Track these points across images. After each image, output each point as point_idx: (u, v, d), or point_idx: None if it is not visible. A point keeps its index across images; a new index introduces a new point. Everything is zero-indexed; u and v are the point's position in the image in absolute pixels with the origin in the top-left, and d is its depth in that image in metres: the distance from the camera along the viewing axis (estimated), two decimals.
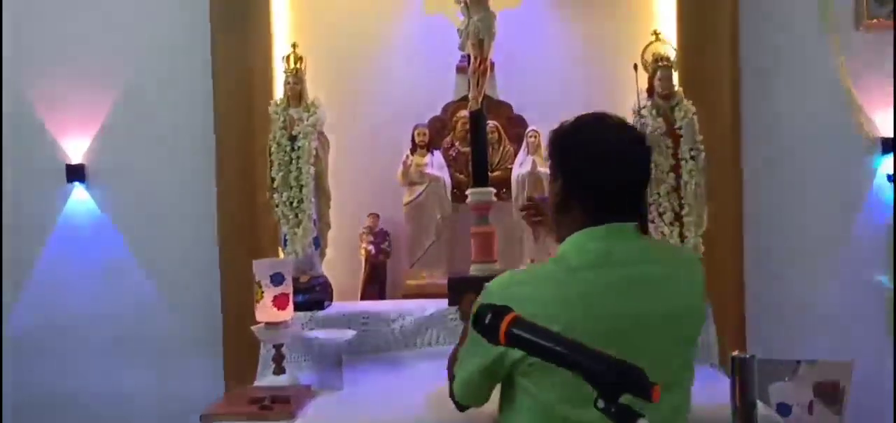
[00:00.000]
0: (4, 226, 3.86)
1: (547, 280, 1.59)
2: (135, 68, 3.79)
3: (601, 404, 1.08)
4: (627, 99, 3.37)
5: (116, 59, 3.79)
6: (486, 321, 1.25)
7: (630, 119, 3.33)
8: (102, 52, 3.79)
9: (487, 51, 3.35)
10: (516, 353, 1.51)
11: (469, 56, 3.41)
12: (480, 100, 3.34)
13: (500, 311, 1.24)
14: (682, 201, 3.24)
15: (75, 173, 3.82)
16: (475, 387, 1.69)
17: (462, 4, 3.39)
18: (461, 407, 1.80)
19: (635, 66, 3.26)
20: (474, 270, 3.22)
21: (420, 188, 3.64)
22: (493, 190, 3.37)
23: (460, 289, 2.76)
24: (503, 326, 1.22)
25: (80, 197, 3.84)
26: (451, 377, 1.80)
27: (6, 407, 3.84)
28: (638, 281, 1.58)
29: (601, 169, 1.60)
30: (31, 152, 3.84)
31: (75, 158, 3.82)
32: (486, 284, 1.64)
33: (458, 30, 3.39)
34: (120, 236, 3.86)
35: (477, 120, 3.35)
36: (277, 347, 3.07)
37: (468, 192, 3.41)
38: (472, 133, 3.41)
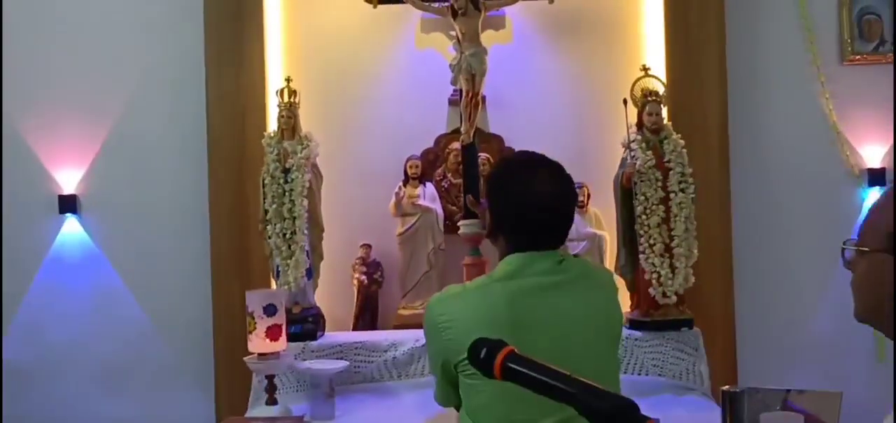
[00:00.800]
0: None
1: (475, 290, 1.81)
2: (128, 100, 3.80)
3: None
4: (617, 133, 3.43)
5: (110, 91, 3.80)
6: (481, 356, 1.26)
7: (620, 153, 3.40)
8: (96, 83, 3.80)
9: (479, 85, 3.42)
10: (457, 357, 1.73)
11: (461, 90, 3.46)
12: (472, 133, 3.42)
13: (494, 346, 1.26)
14: (672, 233, 3.29)
15: (67, 204, 3.81)
16: (440, 389, 1.90)
17: (454, 40, 3.45)
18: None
19: (625, 101, 3.32)
20: None
21: (412, 220, 3.67)
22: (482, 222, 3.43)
23: None
24: (498, 360, 1.23)
25: (72, 228, 3.83)
26: None
27: None
28: (549, 286, 1.78)
29: (522, 209, 1.80)
30: (23, 183, 3.83)
31: (68, 189, 3.81)
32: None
33: (450, 65, 3.44)
34: (112, 267, 3.85)
35: (469, 153, 3.43)
36: (270, 377, 3.08)
37: (460, 223, 3.48)
38: (464, 165, 3.48)
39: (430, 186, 3.70)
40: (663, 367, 3.30)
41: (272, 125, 3.54)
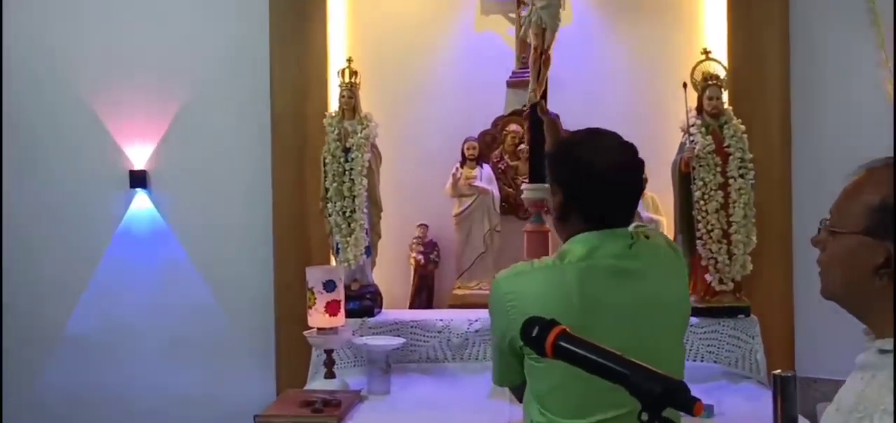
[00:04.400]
0: (70, 229, 4.02)
1: (546, 270, 1.74)
2: (196, 79, 3.91)
3: (645, 417, 1.11)
4: (675, 117, 3.40)
5: (179, 71, 3.92)
6: (533, 334, 1.29)
7: (679, 137, 3.38)
8: (166, 63, 3.92)
9: (550, 41, 3.16)
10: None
11: (519, 67, 3.38)
12: (540, 92, 3.15)
13: (547, 324, 1.28)
14: (731, 219, 3.26)
15: (138, 180, 3.94)
16: (501, 366, 1.84)
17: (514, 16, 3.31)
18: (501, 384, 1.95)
19: (685, 85, 3.29)
20: None
21: (469, 201, 3.71)
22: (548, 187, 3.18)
23: None
24: (550, 339, 1.25)
25: (141, 203, 3.97)
26: None
27: (69, 403, 3.99)
28: (622, 271, 1.71)
29: (594, 184, 1.73)
30: (96, 159, 3.98)
31: (138, 165, 3.94)
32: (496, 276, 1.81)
33: (515, 17, 3.36)
34: (178, 242, 3.98)
35: (536, 113, 3.15)
36: (328, 352, 3.16)
37: (523, 187, 3.29)
38: (531, 125, 3.23)
39: (487, 168, 3.73)
40: (719, 354, 3.28)
41: (333, 106, 3.62)
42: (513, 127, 3.73)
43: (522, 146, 3.72)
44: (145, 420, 3.98)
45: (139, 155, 3.95)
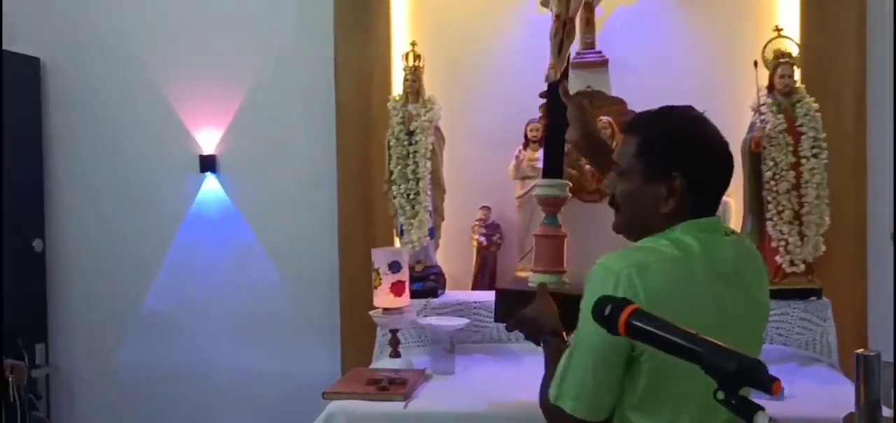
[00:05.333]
0: (145, 211, 4.16)
1: (672, 264, 1.53)
2: (262, 65, 4.00)
3: (721, 395, 1.11)
4: (745, 96, 3.33)
5: (247, 56, 4.01)
6: (606, 313, 1.28)
7: (748, 117, 3.31)
8: (234, 49, 4.01)
9: (575, 9, 2.69)
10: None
11: (583, 48, 3.27)
12: (561, 69, 2.59)
13: (619, 303, 1.28)
14: (803, 200, 3.18)
15: (208, 164, 4.05)
16: (592, 382, 1.54)
17: None
18: None
19: (755, 63, 3.22)
20: (535, 281, 2.37)
21: (531, 183, 3.69)
22: (568, 183, 2.72)
23: (511, 305, 2.04)
24: (623, 317, 1.25)
25: (211, 186, 4.08)
26: (553, 406, 1.62)
27: (144, 380, 4.14)
28: (736, 271, 1.60)
29: (717, 163, 1.61)
30: (168, 144, 4.11)
31: (208, 149, 4.05)
32: (602, 261, 1.53)
33: None
34: (247, 224, 4.08)
35: (554, 93, 2.47)
36: (394, 332, 3.20)
37: (537, 183, 2.80)
38: (548, 109, 2.61)
39: None
40: (789, 336, 3.22)
41: (397, 89, 3.64)
42: None
43: None
44: (217, 396, 4.10)
45: (208, 140, 4.05)
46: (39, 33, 4.18)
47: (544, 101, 2.57)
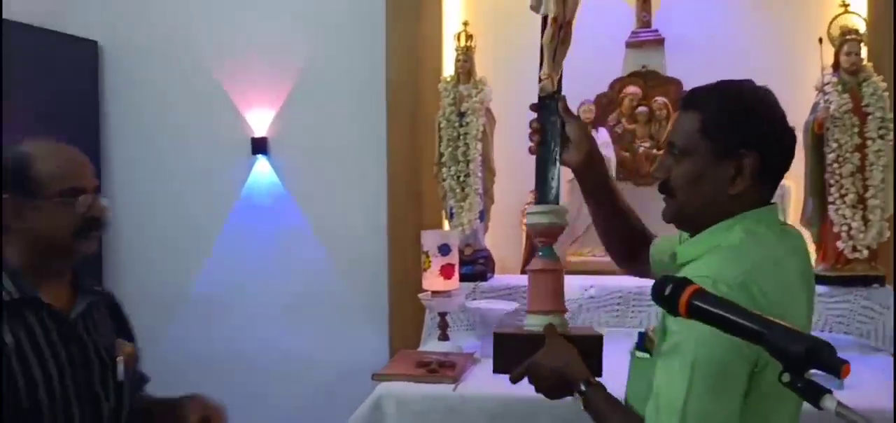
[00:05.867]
0: (195, 195, 4.20)
1: (790, 259, 1.44)
2: (314, 48, 3.99)
3: (787, 378, 1.05)
4: (808, 75, 3.22)
5: (298, 39, 4.01)
6: (666, 293, 1.23)
7: (811, 97, 3.20)
8: (285, 32, 4.02)
9: (572, 11, 2.25)
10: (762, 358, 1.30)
11: (639, 27, 3.19)
12: (556, 80, 2.14)
13: (680, 282, 1.23)
14: (867, 183, 3.07)
15: (259, 146, 4.07)
16: (728, 417, 1.33)
17: None
18: None
19: (820, 40, 3.11)
20: (531, 323, 1.90)
21: None
22: (565, 209, 2.15)
23: (515, 352, 1.77)
24: (684, 297, 1.20)
25: (262, 168, 4.10)
26: None
27: (194, 361, 4.19)
28: (809, 268, 1.53)
29: (789, 141, 1.50)
30: (220, 126, 4.13)
31: (259, 132, 4.07)
32: (706, 273, 1.32)
33: None
34: (297, 206, 4.09)
35: (547, 109, 2.03)
36: (442, 314, 3.18)
37: (528, 209, 2.16)
38: (542, 126, 2.06)
39: (603, 131, 3.64)
40: (849, 325, 3.11)
41: (447, 71, 3.61)
42: (631, 89, 3.62)
43: (641, 109, 3.61)
44: (266, 378, 4.13)
45: (260, 123, 4.07)
46: (97, 17, 4.24)
47: (535, 114, 2.08)
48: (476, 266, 3.46)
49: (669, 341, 1.36)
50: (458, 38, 3.48)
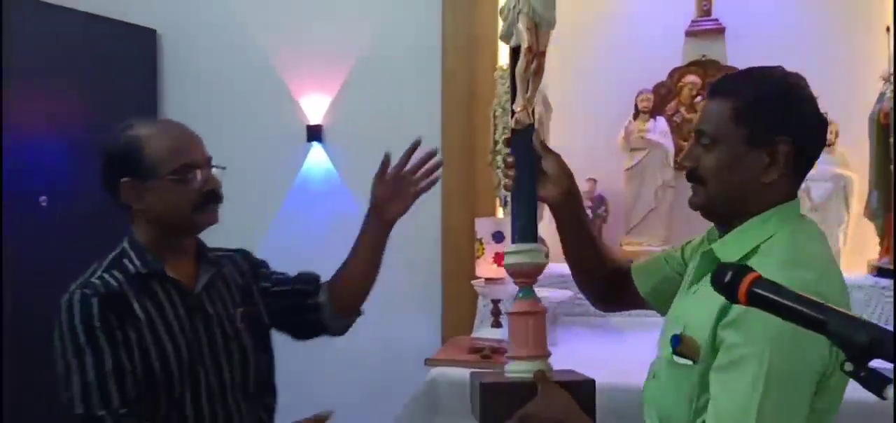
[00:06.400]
0: (250, 182, 4.25)
1: (834, 259, 1.43)
2: (370, 36, 4.01)
3: (849, 367, 1.04)
4: (874, 65, 3.14)
5: (354, 28, 4.02)
6: (726, 280, 1.22)
7: (877, 87, 3.12)
8: (342, 20, 4.04)
9: (545, 40, 2.09)
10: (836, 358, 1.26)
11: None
12: (531, 111, 1.93)
13: (740, 269, 1.21)
14: None
15: (314, 133, 4.09)
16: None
17: None
18: None
19: (888, 29, 3.02)
20: (516, 370, 1.76)
21: (641, 154, 3.60)
22: (546, 248, 2.17)
23: (500, 403, 1.62)
24: (744, 285, 1.18)
25: (317, 156, 4.13)
26: None
27: None
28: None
29: (822, 129, 1.46)
30: (276, 113, 4.16)
31: (314, 119, 4.10)
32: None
33: (499, 9, 2.12)
34: (351, 194, 4.12)
35: (521, 141, 1.86)
36: (495, 301, 3.19)
37: (505, 250, 2.01)
38: (517, 160, 1.88)
39: (661, 121, 3.61)
40: None
41: (503, 59, 3.60)
42: (690, 78, 3.58)
43: (700, 99, 3.56)
44: (320, 363, 4.15)
45: (315, 110, 4.10)
46: (155, 5, 4.31)
47: (509, 148, 1.93)
48: None
49: (730, 354, 1.30)
50: None
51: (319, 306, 2.02)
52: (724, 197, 1.44)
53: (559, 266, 3.47)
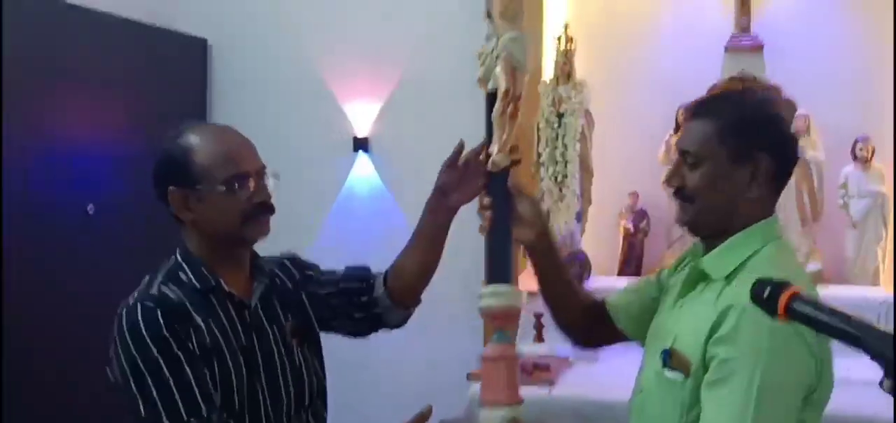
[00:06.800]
0: (297, 192, 4.32)
1: (809, 278, 1.51)
2: (415, 48, 4.05)
3: (888, 385, 1.05)
4: None
5: (401, 41, 4.07)
6: (765, 295, 1.24)
7: None
8: (389, 34, 4.09)
9: (522, 85, 1.98)
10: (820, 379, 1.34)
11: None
12: (507, 151, 1.89)
13: (778, 285, 1.23)
14: None
15: (360, 144, 4.14)
16: None
17: (486, 20, 2.15)
18: None
19: None
20: (488, 417, 1.69)
21: None
22: (522, 293, 2.01)
23: None
24: (783, 299, 1.20)
25: (363, 166, 4.18)
26: None
27: None
28: None
29: (795, 147, 1.53)
30: (322, 123, 4.21)
31: (361, 130, 4.15)
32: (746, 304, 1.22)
33: (477, 55, 2.08)
34: (396, 205, 4.17)
35: (497, 185, 1.86)
36: (538, 316, 3.21)
37: (481, 292, 1.94)
38: (492, 200, 1.88)
39: None
40: None
41: (547, 72, 3.64)
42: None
43: None
44: (361, 376, 4.21)
45: (362, 120, 4.15)
46: (205, 15, 4.35)
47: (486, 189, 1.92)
48: (572, 268, 3.47)
49: (722, 369, 1.33)
50: (559, 41, 3.51)
51: (376, 301, 1.90)
52: (711, 213, 1.49)
53: (602, 280, 3.52)
